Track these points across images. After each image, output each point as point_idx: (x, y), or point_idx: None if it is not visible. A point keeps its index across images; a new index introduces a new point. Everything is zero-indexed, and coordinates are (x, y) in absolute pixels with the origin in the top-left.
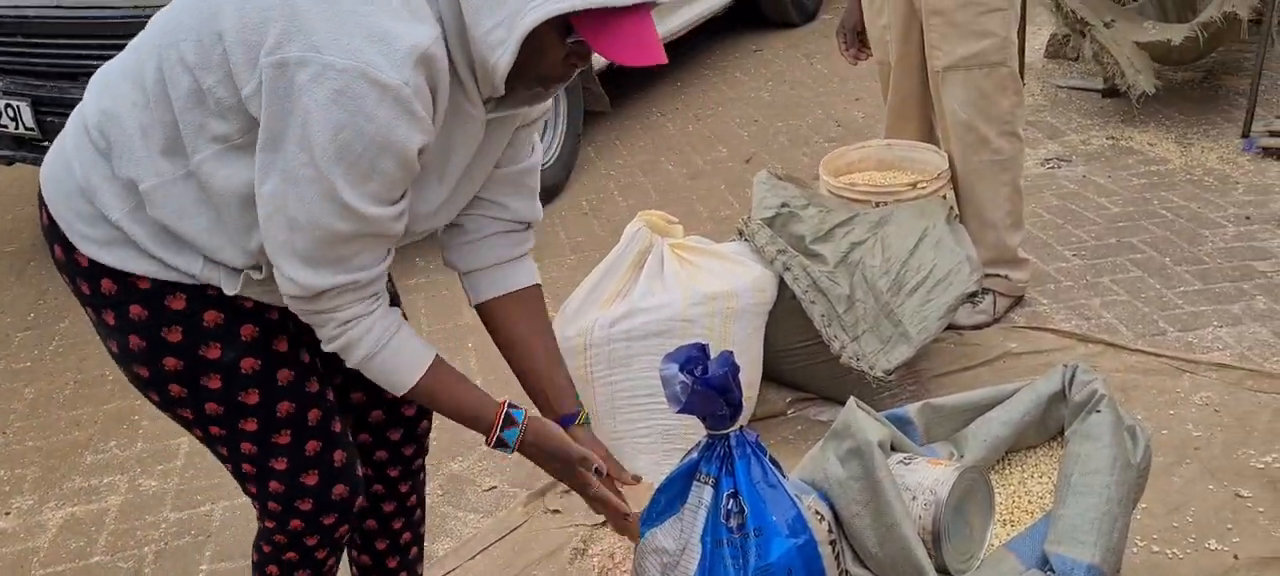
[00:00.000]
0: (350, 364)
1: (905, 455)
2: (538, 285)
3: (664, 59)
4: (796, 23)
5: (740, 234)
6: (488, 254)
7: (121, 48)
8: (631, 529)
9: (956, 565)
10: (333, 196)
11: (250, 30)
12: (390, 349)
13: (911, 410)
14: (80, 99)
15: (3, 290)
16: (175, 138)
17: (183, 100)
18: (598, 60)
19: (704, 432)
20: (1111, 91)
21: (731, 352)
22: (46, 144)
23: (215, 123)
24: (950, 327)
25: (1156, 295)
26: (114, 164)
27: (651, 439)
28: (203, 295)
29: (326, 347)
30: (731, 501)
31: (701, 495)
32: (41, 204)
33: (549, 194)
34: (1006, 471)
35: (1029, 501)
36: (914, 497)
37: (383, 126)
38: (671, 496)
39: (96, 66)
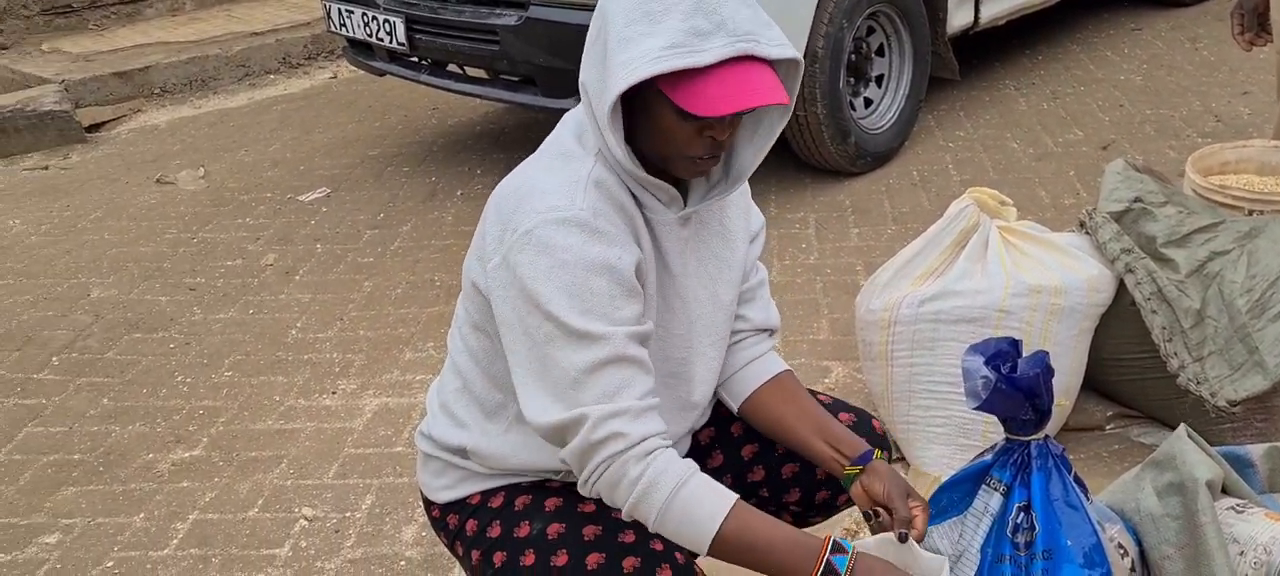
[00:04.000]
0: (653, 513)
1: (1238, 502)
2: (788, 370)
3: (765, 101)
4: (1186, 1)
5: (1081, 226)
6: (734, 360)
7: None
8: None
9: None
10: (566, 329)
11: (483, 256)
12: (690, 488)
13: (1255, 451)
14: (448, 18)
15: (361, 189)
16: (491, 399)
17: (487, 359)
18: (954, 23)
19: (1003, 435)
20: None
21: (1047, 353)
22: (414, 59)
23: None
24: None
25: None
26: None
27: (946, 431)
28: (517, 488)
29: (628, 500)
30: (1022, 515)
31: (989, 501)
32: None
33: (879, 160)
34: None
35: None
36: (1243, 552)
37: (579, 252)
38: (957, 497)
39: None
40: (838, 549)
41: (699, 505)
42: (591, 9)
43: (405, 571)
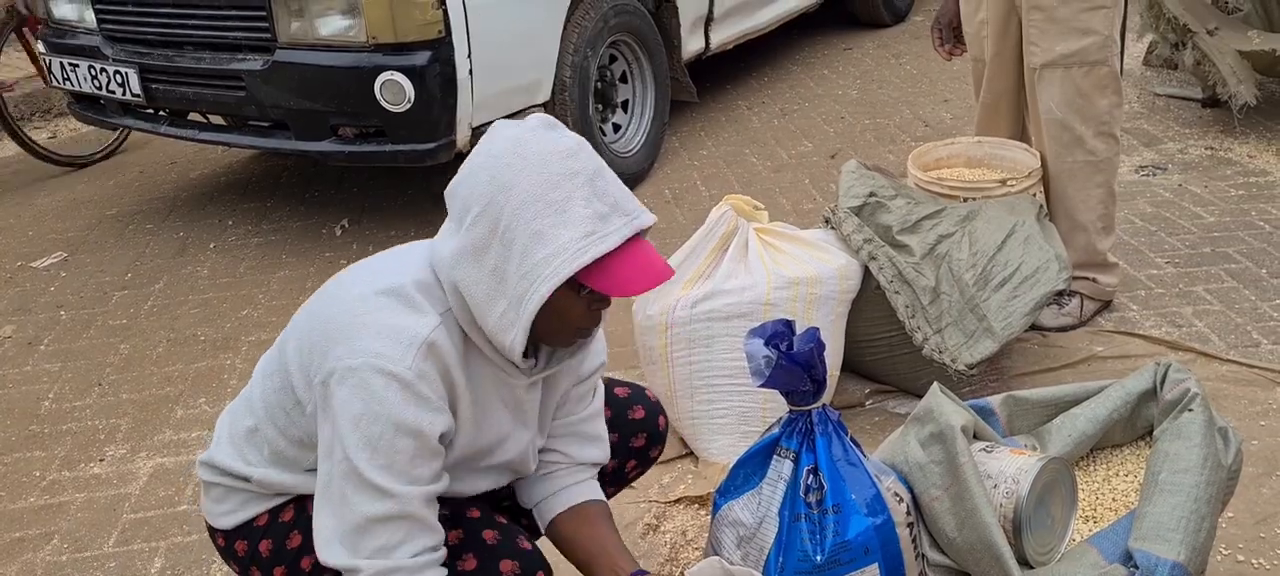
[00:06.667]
0: None
1: (987, 443)
2: (596, 501)
3: (666, 277)
4: (887, 23)
5: (826, 222)
6: (552, 485)
7: (226, 18)
8: None
9: (1036, 556)
10: (362, 479)
11: (308, 362)
12: None
13: (994, 401)
14: (186, 66)
15: (103, 250)
16: (284, 451)
17: (286, 422)
18: (687, 49)
19: (782, 413)
20: (1212, 101)
21: (817, 329)
22: (150, 110)
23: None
24: (1034, 328)
25: (1251, 306)
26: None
27: (729, 420)
28: (304, 497)
29: None
30: (811, 477)
31: (781, 469)
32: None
33: (633, 181)
34: (1091, 469)
35: (1114, 499)
36: (995, 485)
37: (395, 409)
38: (750, 470)
39: (201, 35)
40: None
41: None
42: (339, 49)
43: None
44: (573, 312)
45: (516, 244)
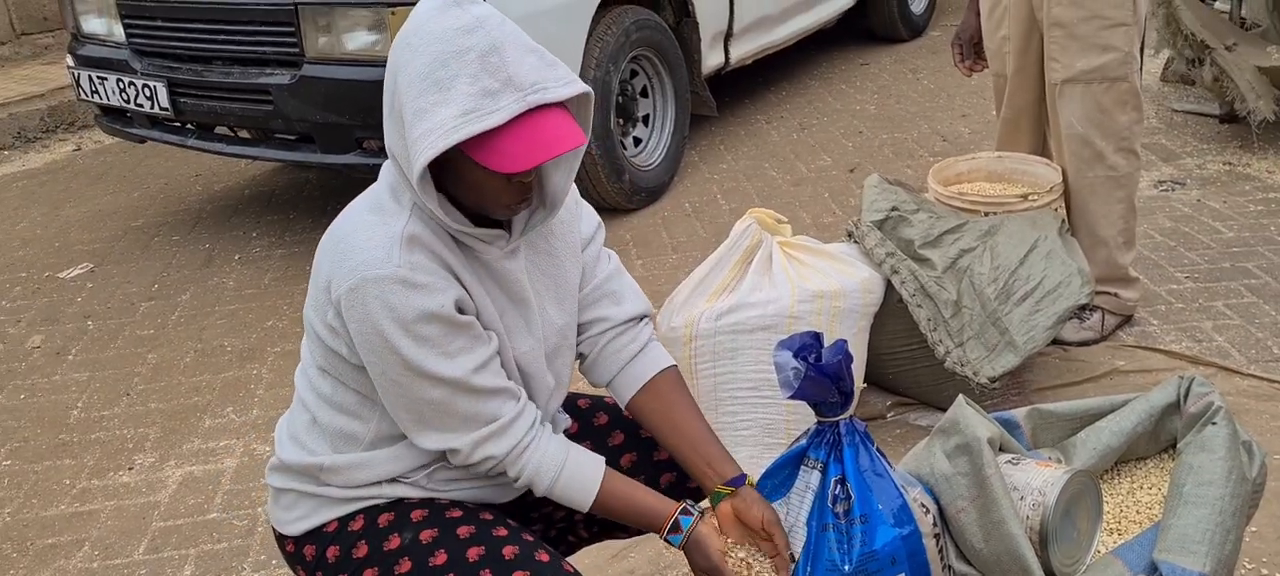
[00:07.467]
0: (540, 492)
1: (1013, 456)
2: (671, 367)
3: (558, 150)
4: (904, 38)
5: (849, 236)
6: (613, 360)
7: (254, 33)
8: None
9: (1062, 568)
10: (412, 371)
11: (321, 308)
12: (568, 471)
13: (1019, 414)
14: (215, 82)
15: (129, 261)
16: (343, 431)
17: (337, 396)
18: (707, 64)
19: (805, 425)
20: (1229, 117)
21: (845, 341)
22: (178, 123)
23: (361, 391)
24: (1056, 342)
25: (1271, 321)
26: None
27: (752, 432)
28: (375, 509)
29: (517, 485)
30: (839, 487)
31: (809, 479)
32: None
33: (652, 195)
34: (1115, 481)
35: (1138, 511)
36: (1022, 497)
37: (402, 305)
38: (779, 481)
39: (230, 50)
40: (686, 511)
41: (577, 482)
42: (365, 64)
43: None
44: (489, 186)
45: (407, 122)
